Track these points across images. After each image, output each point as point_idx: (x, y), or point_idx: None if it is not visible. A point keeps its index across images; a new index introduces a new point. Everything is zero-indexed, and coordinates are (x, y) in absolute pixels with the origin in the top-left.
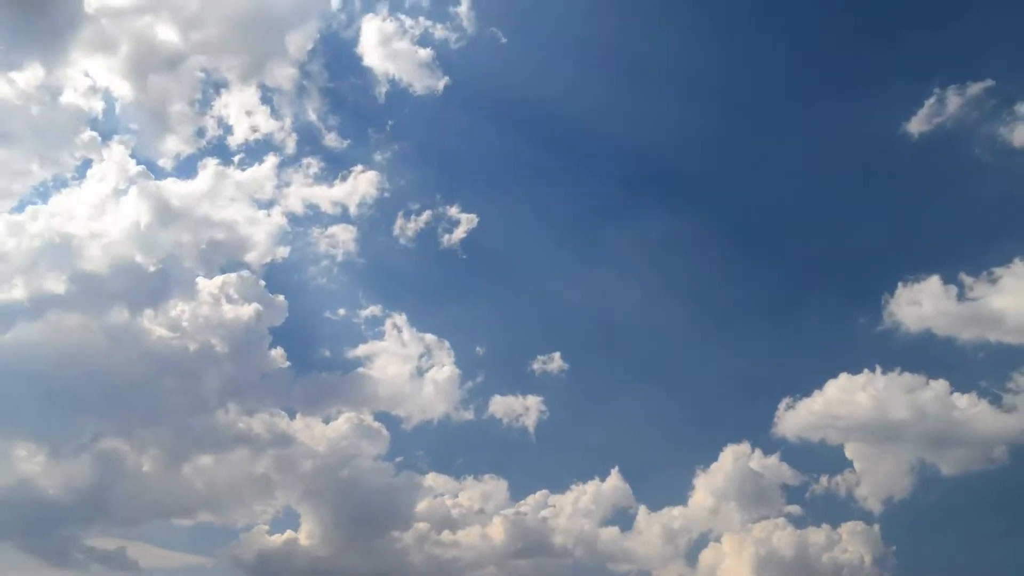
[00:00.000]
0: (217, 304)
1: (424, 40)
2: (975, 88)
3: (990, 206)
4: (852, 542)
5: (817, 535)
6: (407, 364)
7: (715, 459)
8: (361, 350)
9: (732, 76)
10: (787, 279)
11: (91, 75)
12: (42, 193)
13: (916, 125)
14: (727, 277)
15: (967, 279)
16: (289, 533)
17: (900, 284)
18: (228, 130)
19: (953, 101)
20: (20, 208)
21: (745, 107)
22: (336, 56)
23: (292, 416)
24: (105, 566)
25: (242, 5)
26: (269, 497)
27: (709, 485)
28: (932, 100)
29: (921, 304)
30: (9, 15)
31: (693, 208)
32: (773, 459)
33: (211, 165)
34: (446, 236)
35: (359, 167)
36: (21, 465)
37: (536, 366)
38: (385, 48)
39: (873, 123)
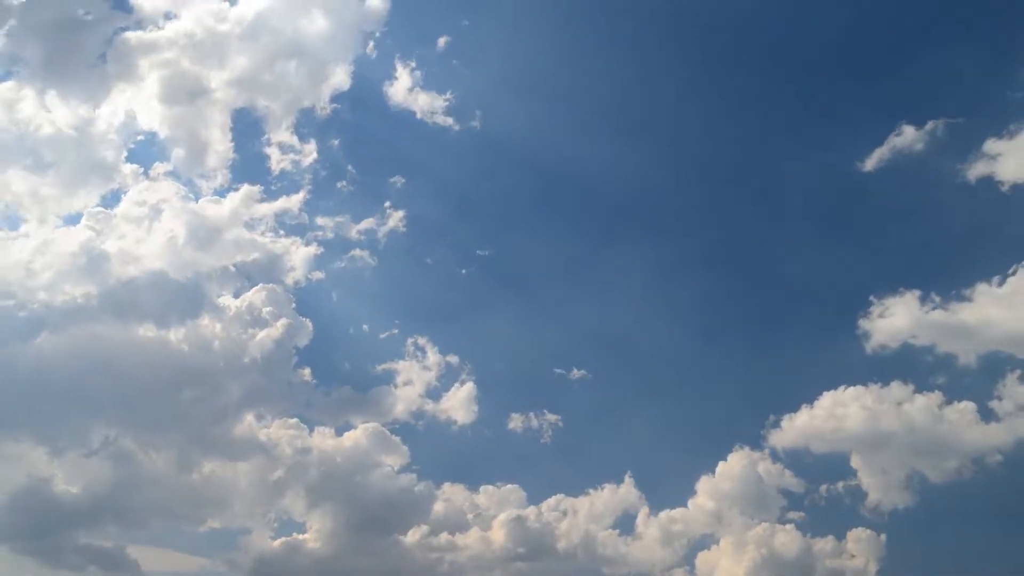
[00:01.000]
0: (244, 320)
1: (452, 85)
2: (933, 126)
3: (953, 234)
4: (857, 550)
5: (820, 542)
6: (428, 382)
7: (718, 466)
8: (383, 368)
9: (714, 125)
10: (771, 299)
11: (131, 107)
12: (78, 217)
13: (877, 161)
14: (715, 299)
15: (937, 297)
16: (295, 537)
17: (876, 302)
18: (263, 161)
19: (913, 138)
20: (59, 226)
21: (726, 151)
22: (368, 96)
23: (311, 428)
24: (106, 569)
25: (281, 45)
26: (278, 503)
27: (712, 491)
28: (893, 136)
29: (899, 319)
30: (57, 50)
31: (685, 237)
32: (776, 467)
33: (245, 193)
34: (465, 265)
35: (387, 203)
36: (30, 468)
37: (551, 382)
38: (415, 91)
39: (840, 158)
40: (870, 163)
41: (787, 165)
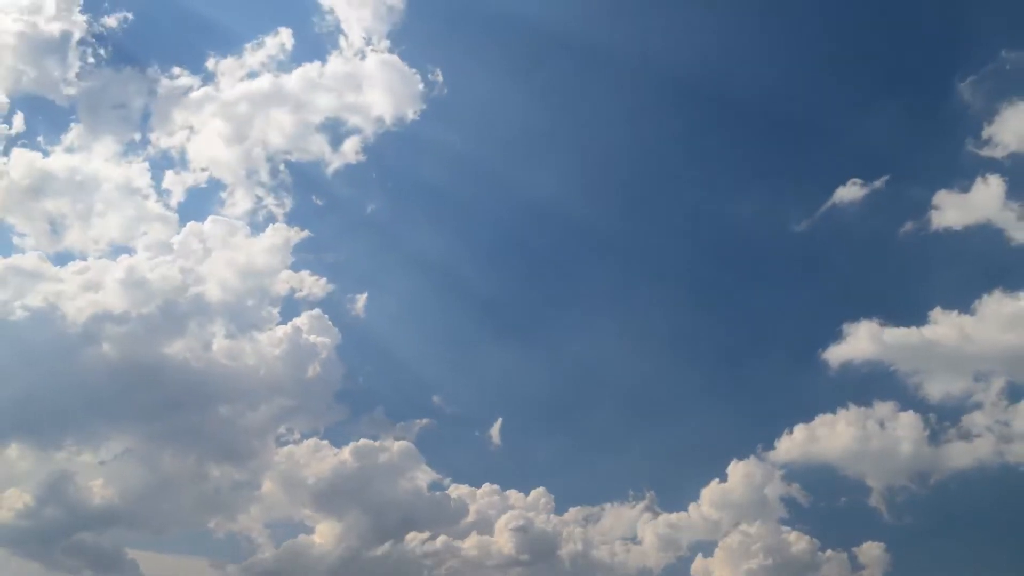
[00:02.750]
0: (288, 346)
1: (484, 151)
2: (875, 184)
3: (910, 273)
4: (858, 563)
5: (827, 557)
6: (458, 413)
7: (718, 480)
8: (415, 400)
9: (688, 182)
10: (745, 333)
11: (195, 155)
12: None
13: (820, 216)
14: (695, 334)
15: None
16: (301, 541)
17: (846, 331)
18: (312, 207)
19: (854, 194)
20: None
21: (701, 205)
22: (410, 156)
23: (339, 448)
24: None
25: (324, 110)
26: (291, 511)
27: (714, 501)
28: (839, 190)
29: (872, 345)
30: (127, 101)
31: (666, 282)
32: (777, 480)
33: (294, 234)
34: (485, 312)
35: (423, 253)
36: (55, 473)
37: (565, 410)
38: (453, 156)
39: (797, 210)
40: (822, 214)
41: (751, 215)
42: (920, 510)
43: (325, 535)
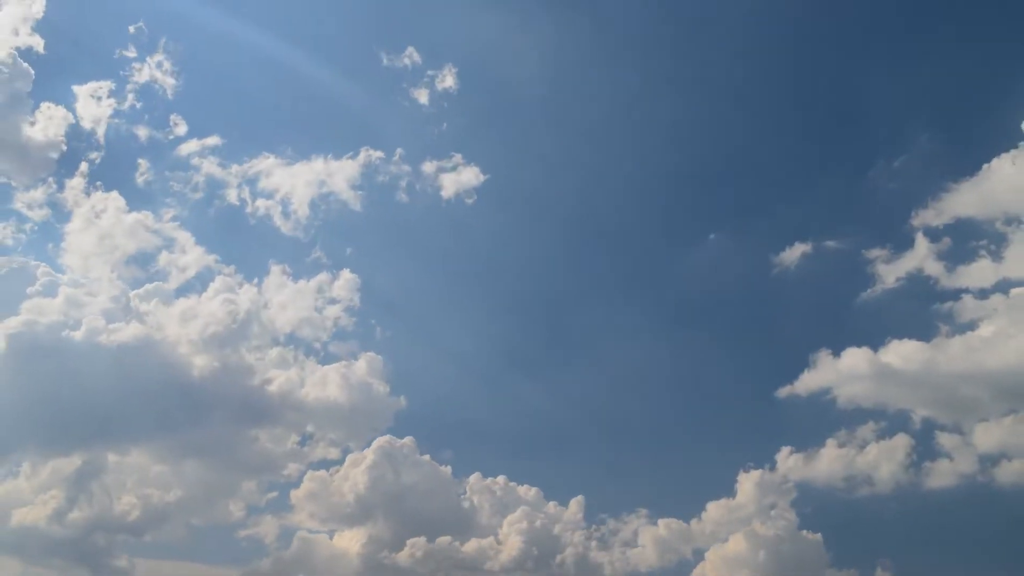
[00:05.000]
0: (339, 381)
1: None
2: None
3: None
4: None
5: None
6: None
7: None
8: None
9: (664, 236)
10: (729, 374)
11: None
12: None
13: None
14: (680, 374)
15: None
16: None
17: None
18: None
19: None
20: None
21: (674, 254)
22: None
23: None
24: None
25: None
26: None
27: (716, 513)
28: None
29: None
30: None
31: (660, 328)
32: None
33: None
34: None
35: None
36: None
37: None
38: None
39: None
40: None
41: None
42: (913, 526)
43: (344, 542)
